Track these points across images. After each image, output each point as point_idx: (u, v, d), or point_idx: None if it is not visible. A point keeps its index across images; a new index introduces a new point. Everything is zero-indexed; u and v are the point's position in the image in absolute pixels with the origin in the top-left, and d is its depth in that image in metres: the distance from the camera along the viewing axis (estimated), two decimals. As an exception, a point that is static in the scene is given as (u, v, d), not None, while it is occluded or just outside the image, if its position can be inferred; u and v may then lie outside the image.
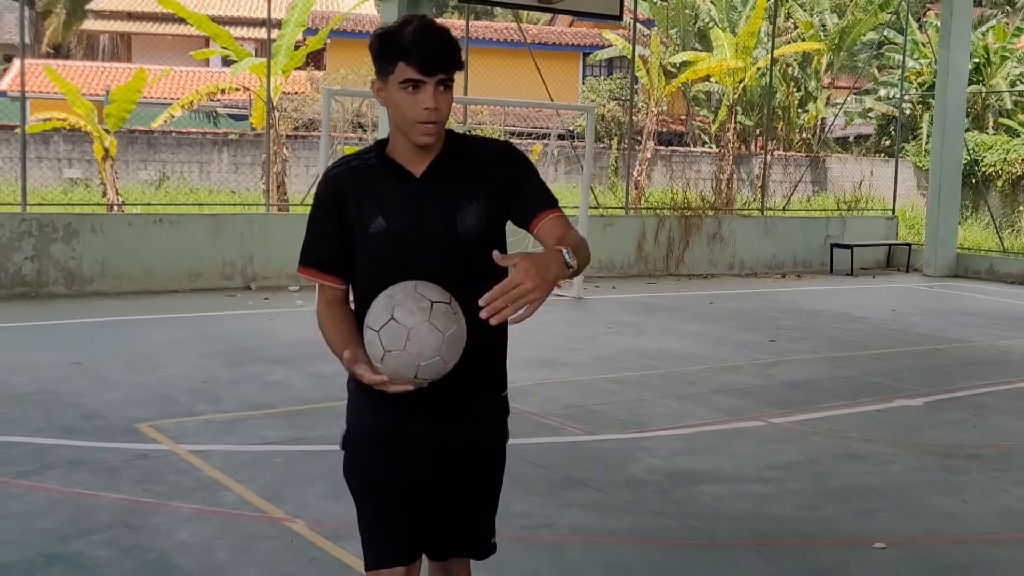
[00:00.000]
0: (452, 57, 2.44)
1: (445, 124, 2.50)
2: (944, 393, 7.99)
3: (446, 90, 2.45)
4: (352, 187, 2.53)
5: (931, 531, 4.97)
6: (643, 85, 22.83)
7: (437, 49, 2.41)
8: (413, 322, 2.30)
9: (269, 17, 14.10)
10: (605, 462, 5.83)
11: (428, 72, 2.40)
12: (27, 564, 4.14)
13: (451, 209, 2.51)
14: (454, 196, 2.51)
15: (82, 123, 15.26)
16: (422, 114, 2.43)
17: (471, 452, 2.69)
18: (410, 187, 2.51)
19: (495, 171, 2.56)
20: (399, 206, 2.50)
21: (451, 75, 2.45)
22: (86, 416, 6.41)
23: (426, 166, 2.51)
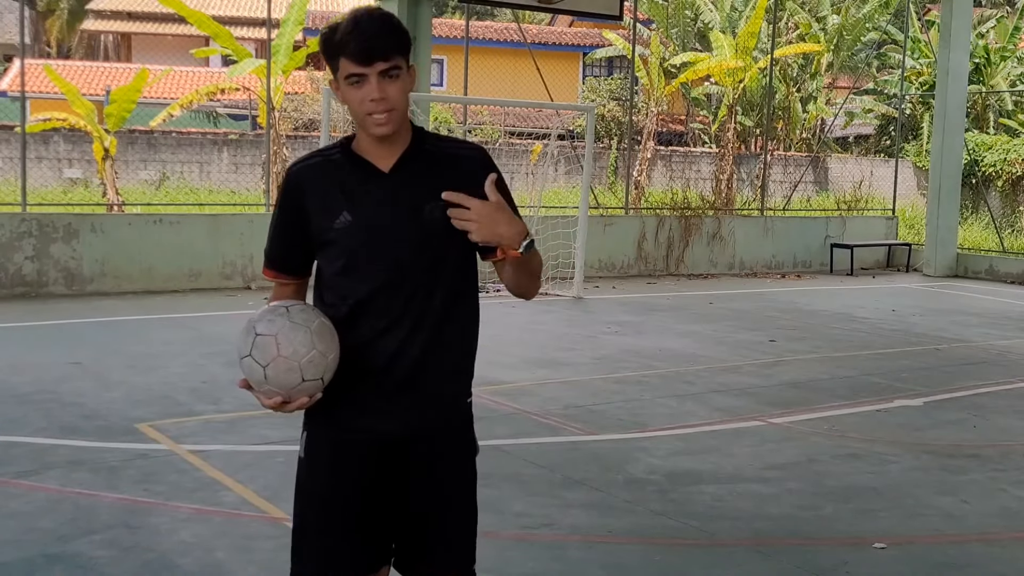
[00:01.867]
0: (391, 43, 2.37)
1: (403, 112, 2.44)
2: (944, 393, 7.99)
3: (393, 79, 2.38)
4: (312, 184, 2.49)
5: (931, 531, 4.97)
6: (643, 85, 22.83)
7: (372, 39, 2.35)
8: (275, 328, 2.29)
9: (269, 17, 14.11)
10: (605, 462, 5.83)
11: (366, 63, 2.35)
12: (27, 564, 4.15)
13: (420, 203, 2.44)
14: (423, 191, 2.44)
15: (82, 123, 15.27)
16: (369, 106, 2.38)
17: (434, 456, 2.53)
18: (378, 182, 2.46)
19: (467, 174, 2.46)
20: (366, 200, 2.45)
21: (394, 62, 2.37)
22: (86, 416, 6.41)
23: (394, 161, 2.47)
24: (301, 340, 2.29)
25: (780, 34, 25.42)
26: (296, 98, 24.09)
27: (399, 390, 2.44)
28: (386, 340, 2.43)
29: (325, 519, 2.50)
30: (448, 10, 35.61)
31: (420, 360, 2.45)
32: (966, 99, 17.69)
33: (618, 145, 25.23)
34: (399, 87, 2.39)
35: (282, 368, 2.27)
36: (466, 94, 15.52)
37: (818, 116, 28.08)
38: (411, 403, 2.47)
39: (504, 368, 8.22)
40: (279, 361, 2.27)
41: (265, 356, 2.28)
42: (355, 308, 2.44)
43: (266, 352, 2.28)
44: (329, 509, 2.50)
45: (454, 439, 2.58)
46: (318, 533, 2.52)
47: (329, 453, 2.52)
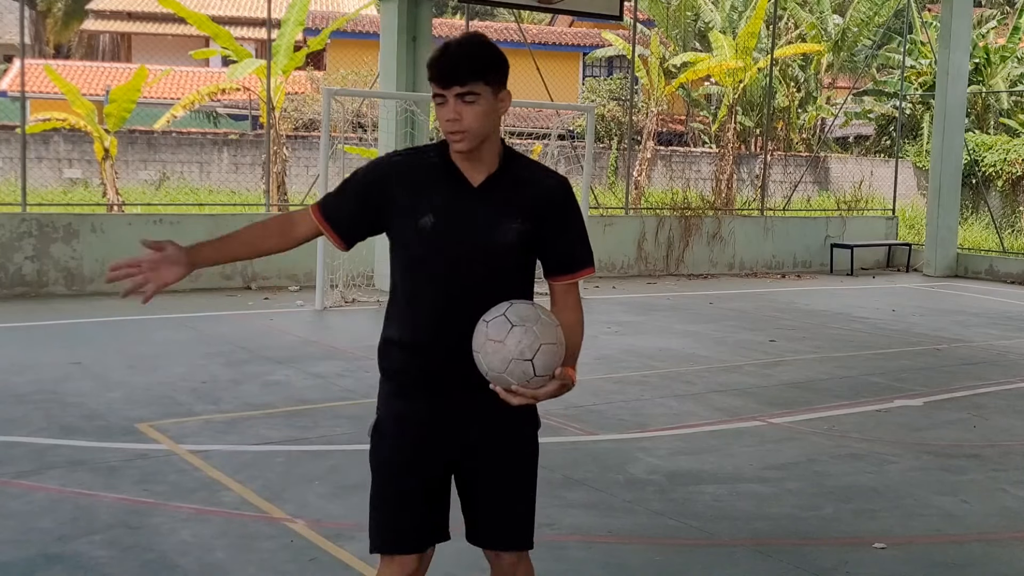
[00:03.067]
0: (470, 70, 2.56)
1: (484, 134, 2.61)
2: (944, 393, 7.99)
3: (469, 104, 2.56)
4: (404, 179, 2.67)
5: (931, 531, 4.97)
6: (643, 85, 22.83)
7: (452, 64, 2.55)
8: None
9: (269, 17, 14.10)
10: (605, 462, 5.83)
11: (444, 86, 2.56)
12: (27, 564, 4.14)
13: (498, 223, 2.64)
14: (504, 212, 2.64)
15: (82, 123, 15.26)
16: (446, 125, 2.57)
17: (493, 436, 2.76)
18: (467, 194, 2.65)
19: (546, 204, 2.68)
20: (453, 208, 2.64)
21: (470, 87, 2.55)
22: (86, 416, 6.41)
23: (483, 178, 2.66)
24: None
25: (780, 34, 25.42)
26: (296, 98, 24.09)
27: (463, 375, 2.61)
28: (453, 326, 2.62)
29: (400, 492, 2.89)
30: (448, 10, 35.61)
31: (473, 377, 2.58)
32: (966, 99, 17.68)
33: (618, 145, 25.22)
34: (476, 111, 2.57)
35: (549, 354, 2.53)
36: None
37: (818, 116, 28.07)
38: (475, 387, 2.61)
39: (504, 368, 8.21)
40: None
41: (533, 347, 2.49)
42: (424, 301, 2.66)
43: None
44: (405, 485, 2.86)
45: (519, 423, 2.79)
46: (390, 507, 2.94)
47: (399, 431, 2.87)
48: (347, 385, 7.42)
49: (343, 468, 5.51)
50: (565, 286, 2.77)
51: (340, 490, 5.17)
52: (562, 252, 2.73)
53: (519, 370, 2.48)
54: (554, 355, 2.50)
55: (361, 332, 9.31)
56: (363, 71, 25.16)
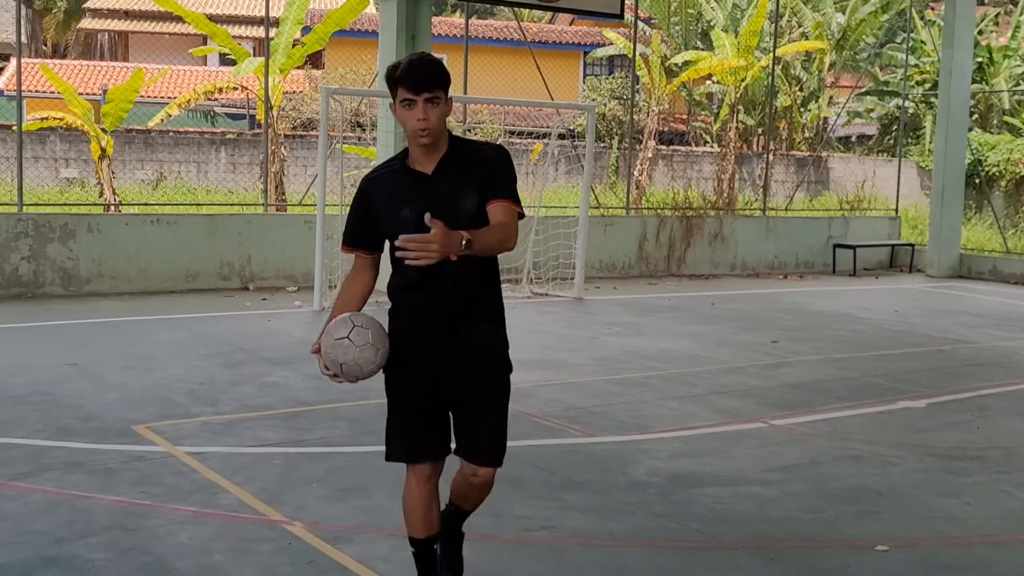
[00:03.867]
0: (435, 79, 3.30)
1: (440, 130, 3.35)
2: (947, 394, 7.96)
3: (434, 105, 3.30)
4: (380, 193, 3.47)
5: (934, 533, 4.94)
6: (644, 84, 22.80)
7: (422, 75, 3.29)
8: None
9: (267, 16, 14.06)
10: (605, 464, 5.80)
11: (416, 92, 3.29)
12: (23, 566, 4.11)
13: (455, 196, 3.37)
14: (457, 186, 3.38)
15: (79, 122, 15.23)
16: (417, 124, 3.31)
17: (472, 370, 3.56)
18: (425, 183, 3.40)
19: (487, 168, 3.43)
20: (415, 198, 3.38)
21: (435, 93, 3.29)
22: (83, 418, 6.37)
23: (435, 165, 3.40)
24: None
25: (782, 33, 25.38)
26: (295, 97, 24.06)
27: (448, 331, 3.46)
28: (437, 289, 3.40)
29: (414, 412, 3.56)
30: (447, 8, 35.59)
31: (461, 303, 3.45)
32: (969, 98, 17.64)
33: (619, 144, 25.19)
34: (438, 112, 3.32)
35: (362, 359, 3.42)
36: (466, 93, 15.47)
37: (820, 115, 28.04)
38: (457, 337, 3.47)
39: (504, 369, 8.18)
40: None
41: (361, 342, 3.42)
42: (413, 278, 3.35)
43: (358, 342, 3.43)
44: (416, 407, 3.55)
45: (490, 352, 3.63)
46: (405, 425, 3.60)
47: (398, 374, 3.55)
48: (345, 387, 7.31)
49: (342, 470, 5.47)
50: (496, 207, 3.39)
51: (338, 492, 5.13)
52: (495, 187, 3.42)
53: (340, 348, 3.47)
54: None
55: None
56: (362, 70, 25.13)
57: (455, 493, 3.77)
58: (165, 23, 30.50)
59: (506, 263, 13.15)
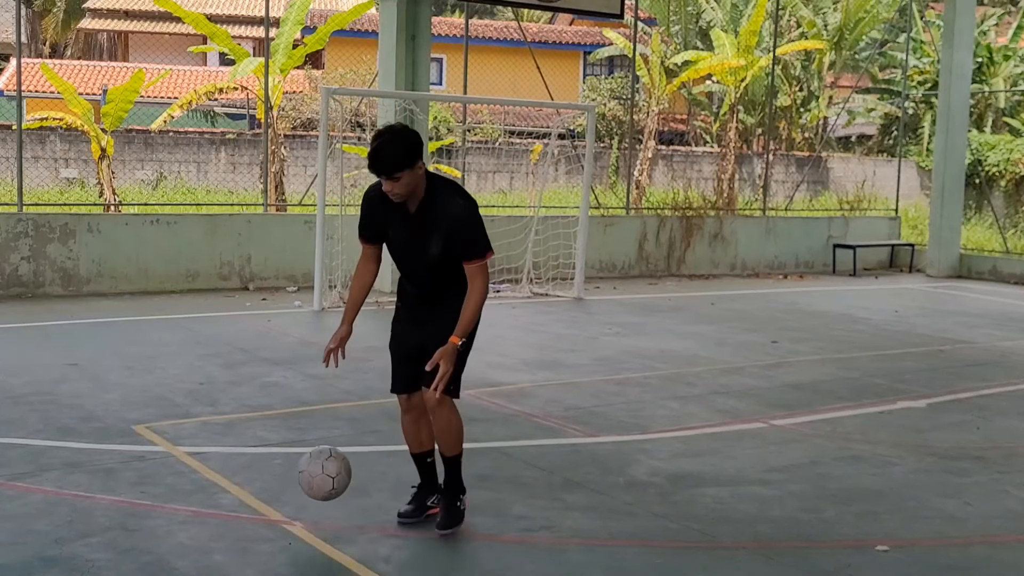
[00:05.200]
0: (393, 165, 4.26)
1: (409, 192, 4.36)
2: (947, 395, 7.95)
3: (397, 181, 4.29)
4: (379, 207, 4.52)
5: (934, 533, 4.94)
6: (644, 84, 22.79)
7: (381, 164, 4.28)
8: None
9: (267, 16, 14.06)
10: (606, 464, 5.79)
11: (379, 176, 4.35)
12: (23, 566, 4.10)
13: (426, 238, 4.43)
14: (427, 228, 4.43)
15: (79, 122, 15.22)
16: (386, 190, 4.37)
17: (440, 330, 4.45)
18: (406, 218, 4.46)
19: (457, 227, 4.40)
20: (400, 227, 4.50)
21: (396, 175, 4.28)
22: (83, 418, 6.37)
23: (415, 208, 4.44)
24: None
25: (782, 33, 25.38)
26: (295, 97, 24.05)
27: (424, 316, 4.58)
28: (417, 295, 4.61)
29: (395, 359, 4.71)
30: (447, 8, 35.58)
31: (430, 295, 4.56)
32: (969, 98, 17.64)
33: (619, 145, 25.19)
34: (403, 183, 4.31)
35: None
36: (466, 93, 15.47)
37: (820, 115, 28.03)
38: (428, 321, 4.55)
39: (504, 370, 8.18)
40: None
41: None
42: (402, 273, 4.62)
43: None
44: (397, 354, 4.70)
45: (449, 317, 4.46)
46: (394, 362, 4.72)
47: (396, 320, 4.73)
48: (345, 387, 7.37)
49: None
50: (469, 267, 4.43)
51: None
52: (462, 251, 4.42)
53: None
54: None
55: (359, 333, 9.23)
56: (362, 70, 25.13)
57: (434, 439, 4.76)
58: (165, 23, 30.48)
59: (506, 263, 13.21)
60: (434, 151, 20.13)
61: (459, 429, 4.67)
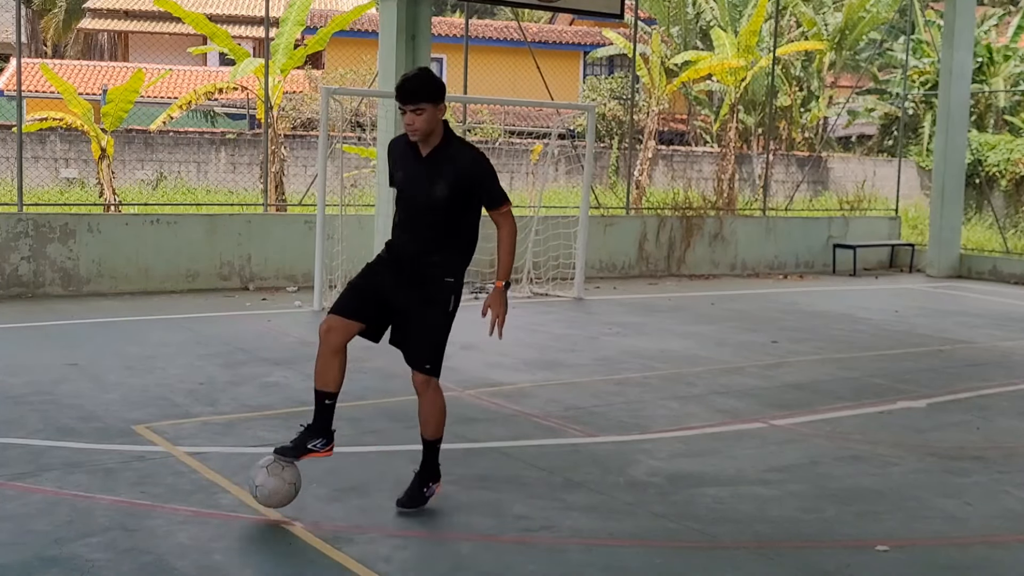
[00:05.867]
0: (419, 94, 4.48)
1: (428, 130, 4.55)
2: (947, 395, 7.95)
3: (418, 114, 4.50)
4: (396, 151, 4.78)
5: (934, 533, 4.94)
6: (644, 84, 22.79)
7: (407, 91, 4.50)
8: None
9: (267, 16, 14.06)
10: (606, 464, 5.79)
11: (404, 103, 4.52)
12: (23, 567, 4.10)
13: (433, 181, 4.60)
14: (434, 172, 4.59)
15: (79, 123, 15.22)
16: (406, 126, 4.58)
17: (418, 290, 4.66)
18: (417, 160, 4.65)
19: (468, 175, 4.61)
20: (409, 169, 4.68)
21: (418, 105, 4.48)
22: (83, 418, 6.37)
23: (428, 152, 4.62)
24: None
25: (782, 33, 25.37)
26: (295, 97, 24.05)
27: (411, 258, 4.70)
28: (410, 234, 4.72)
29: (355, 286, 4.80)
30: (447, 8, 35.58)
31: (421, 249, 4.68)
32: (969, 98, 17.64)
33: (619, 144, 25.19)
34: (424, 118, 4.52)
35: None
36: (466, 93, 15.47)
37: (820, 115, 28.03)
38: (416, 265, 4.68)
39: (504, 370, 8.18)
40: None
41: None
42: (400, 219, 4.76)
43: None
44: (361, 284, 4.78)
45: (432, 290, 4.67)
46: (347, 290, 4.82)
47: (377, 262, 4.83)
48: (345, 387, 7.36)
49: (341, 470, 5.46)
50: (494, 215, 4.72)
51: (338, 492, 5.13)
52: (485, 200, 4.68)
53: None
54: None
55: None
56: (362, 70, 25.12)
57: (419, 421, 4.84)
58: (165, 23, 30.49)
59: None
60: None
61: (443, 412, 4.80)
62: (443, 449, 4.97)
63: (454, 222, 4.63)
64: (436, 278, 4.65)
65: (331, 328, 4.67)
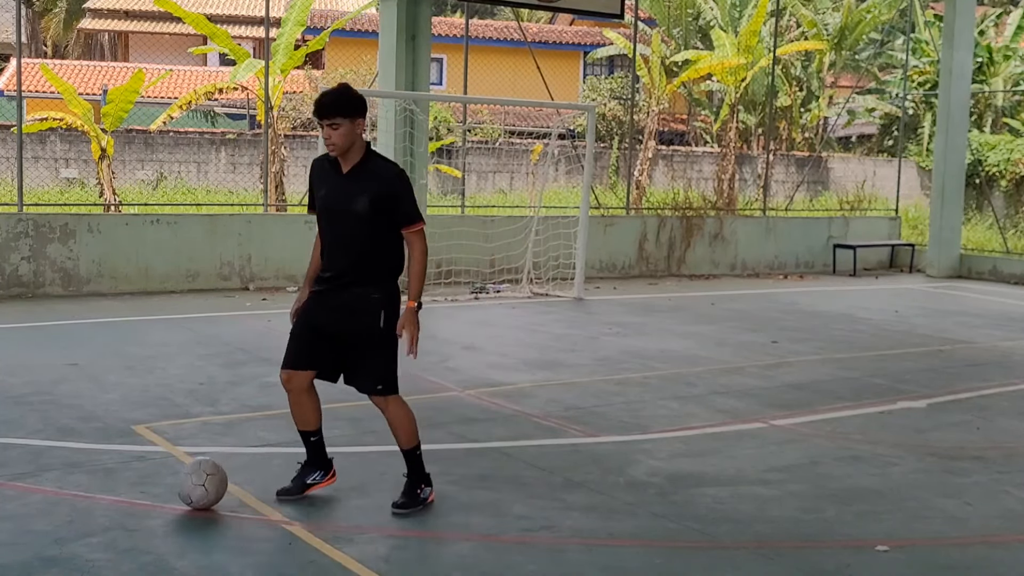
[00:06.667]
0: (333, 110, 4.56)
1: (346, 145, 4.61)
2: (947, 395, 7.95)
3: (334, 128, 4.56)
4: (316, 171, 4.83)
5: (934, 533, 4.94)
6: (644, 84, 22.79)
7: (322, 105, 4.59)
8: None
9: (268, 16, 14.06)
10: (606, 464, 5.79)
11: (319, 118, 4.62)
12: (23, 567, 4.10)
13: (353, 196, 4.65)
14: (355, 189, 4.65)
15: (79, 123, 15.22)
16: (324, 142, 4.66)
17: (349, 319, 4.72)
18: (339, 177, 4.71)
19: (387, 191, 4.65)
20: (331, 186, 4.73)
21: (333, 120, 4.55)
22: (83, 418, 6.37)
23: (348, 168, 4.69)
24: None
25: (782, 33, 25.37)
26: (295, 97, 24.04)
27: (338, 279, 4.71)
28: (334, 255, 4.74)
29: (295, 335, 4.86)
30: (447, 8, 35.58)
31: (347, 265, 4.70)
32: (969, 98, 17.64)
33: (619, 145, 25.19)
34: (340, 133, 4.58)
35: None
36: (466, 93, 15.48)
37: (820, 115, 28.02)
38: (344, 286, 4.71)
39: (504, 370, 8.18)
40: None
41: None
42: (323, 237, 4.81)
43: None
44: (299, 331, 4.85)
45: (365, 312, 4.70)
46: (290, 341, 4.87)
47: (309, 301, 4.84)
48: (345, 387, 7.36)
49: (341, 470, 5.45)
50: (406, 234, 4.72)
51: (338, 492, 5.13)
52: (399, 216, 4.68)
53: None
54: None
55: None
56: (362, 70, 25.12)
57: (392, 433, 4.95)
58: (165, 23, 30.48)
59: (507, 263, 13.20)
60: (434, 151, 20.14)
61: (411, 421, 4.83)
62: (443, 449, 4.99)
63: (378, 236, 4.66)
64: (364, 296, 4.69)
65: (290, 377, 4.83)
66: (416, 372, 8.08)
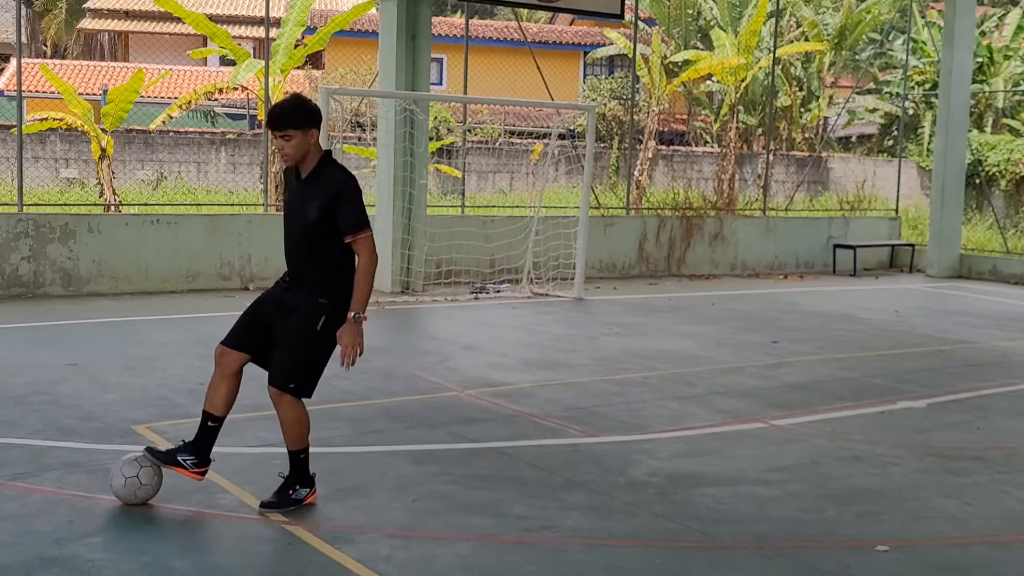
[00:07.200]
0: (284, 122, 4.61)
1: (298, 156, 4.68)
2: (947, 395, 7.95)
3: (287, 140, 4.63)
4: (286, 176, 4.94)
5: (934, 533, 4.94)
6: (644, 84, 22.79)
7: (273, 117, 4.63)
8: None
9: (268, 16, 14.06)
10: (606, 464, 5.79)
11: (272, 130, 4.68)
12: (23, 567, 4.10)
13: (306, 202, 4.70)
14: (308, 195, 4.71)
15: (79, 123, 15.22)
16: (279, 151, 4.74)
17: (287, 315, 4.79)
18: (297, 183, 4.80)
19: (336, 196, 4.65)
20: (291, 192, 4.85)
21: (285, 133, 4.61)
22: (83, 418, 6.37)
23: (305, 176, 4.76)
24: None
25: (782, 33, 25.37)
26: (295, 98, 23.99)
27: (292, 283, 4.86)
28: (289, 259, 4.88)
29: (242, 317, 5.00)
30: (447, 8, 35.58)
31: (300, 271, 4.82)
32: (970, 98, 17.63)
33: (619, 145, 25.19)
34: (292, 144, 4.65)
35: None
36: (466, 93, 15.47)
37: (820, 115, 28.02)
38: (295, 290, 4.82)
39: (504, 370, 8.18)
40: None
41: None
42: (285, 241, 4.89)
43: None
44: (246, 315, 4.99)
45: (303, 312, 4.74)
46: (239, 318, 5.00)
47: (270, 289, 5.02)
48: (345, 387, 7.37)
49: (341, 470, 5.47)
50: (350, 241, 4.68)
51: (338, 492, 5.13)
52: (340, 225, 4.66)
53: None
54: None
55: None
56: (362, 70, 25.12)
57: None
58: (165, 23, 30.48)
59: (507, 263, 13.19)
60: (434, 151, 20.13)
61: (301, 425, 4.83)
62: (443, 449, 4.98)
63: (328, 242, 4.67)
64: (309, 298, 4.71)
65: (223, 353, 4.90)
66: (416, 372, 8.08)
